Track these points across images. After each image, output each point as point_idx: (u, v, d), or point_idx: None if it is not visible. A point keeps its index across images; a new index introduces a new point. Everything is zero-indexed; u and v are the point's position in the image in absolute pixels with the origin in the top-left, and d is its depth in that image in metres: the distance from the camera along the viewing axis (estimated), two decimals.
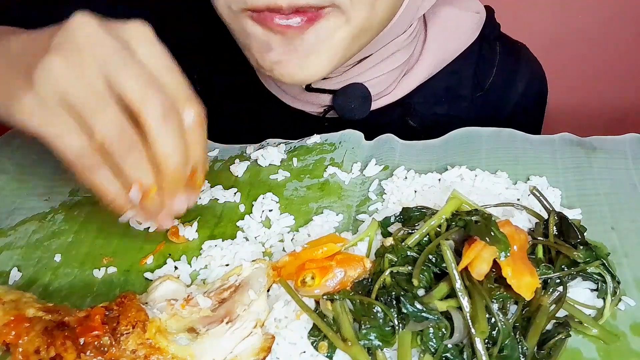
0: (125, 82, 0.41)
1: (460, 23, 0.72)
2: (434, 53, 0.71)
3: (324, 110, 0.70)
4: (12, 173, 0.64)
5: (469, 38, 0.73)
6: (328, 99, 0.68)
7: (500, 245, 0.41)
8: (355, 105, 0.67)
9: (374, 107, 0.70)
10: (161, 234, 0.55)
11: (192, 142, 0.44)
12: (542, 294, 0.43)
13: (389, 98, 0.71)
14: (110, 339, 0.40)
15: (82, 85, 0.40)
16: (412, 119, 0.73)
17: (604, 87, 1.41)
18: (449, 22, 0.71)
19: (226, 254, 0.51)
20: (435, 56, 0.71)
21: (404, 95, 0.71)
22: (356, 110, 0.68)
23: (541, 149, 0.61)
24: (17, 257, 0.54)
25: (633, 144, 0.61)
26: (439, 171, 0.58)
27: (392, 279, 0.43)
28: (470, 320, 0.40)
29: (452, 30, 0.72)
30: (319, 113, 0.71)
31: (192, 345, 0.41)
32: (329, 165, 0.61)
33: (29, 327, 0.41)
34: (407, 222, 0.48)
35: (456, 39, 0.72)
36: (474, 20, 0.73)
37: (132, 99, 0.41)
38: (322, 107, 0.70)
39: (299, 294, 0.45)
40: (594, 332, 0.43)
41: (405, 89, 0.71)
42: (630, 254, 0.49)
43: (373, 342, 0.41)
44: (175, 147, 0.42)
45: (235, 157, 0.65)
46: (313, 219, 0.55)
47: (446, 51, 0.72)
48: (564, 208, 0.53)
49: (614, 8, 1.31)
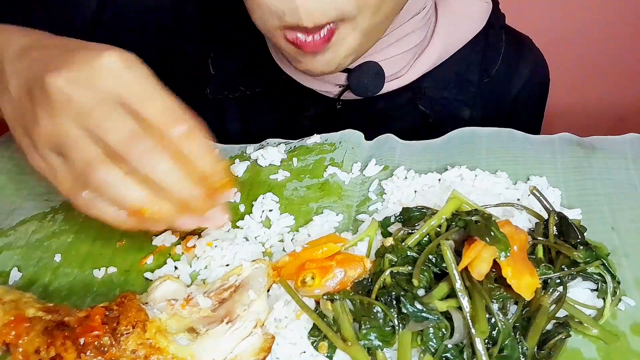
0: (102, 136, 0.42)
1: (469, 10, 0.75)
2: (444, 38, 0.73)
3: (340, 91, 0.72)
4: (12, 173, 0.64)
5: (477, 25, 0.75)
6: (343, 78, 0.70)
7: (500, 245, 0.41)
8: (368, 81, 0.69)
9: (386, 89, 0.72)
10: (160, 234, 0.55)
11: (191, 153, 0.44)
12: (542, 294, 0.43)
13: (400, 81, 0.73)
14: (110, 339, 0.40)
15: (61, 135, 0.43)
16: (421, 103, 0.75)
17: (604, 87, 1.41)
18: (458, 9, 0.73)
19: (226, 254, 0.51)
20: (445, 41, 0.73)
21: (415, 79, 0.73)
22: (370, 86, 0.70)
23: (541, 149, 0.61)
24: (17, 257, 0.54)
25: (633, 144, 0.61)
26: (439, 171, 0.58)
27: (392, 279, 0.43)
28: (470, 320, 0.40)
29: (460, 16, 0.74)
30: (335, 95, 0.72)
31: (192, 345, 0.41)
32: (329, 165, 0.61)
33: (29, 327, 0.41)
34: (407, 222, 0.48)
35: (465, 26, 0.74)
36: (482, 9, 0.75)
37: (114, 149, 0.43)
38: (337, 86, 0.71)
39: (299, 294, 0.45)
40: (594, 332, 0.43)
41: (416, 73, 0.73)
42: (630, 254, 0.49)
43: (373, 342, 0.41)
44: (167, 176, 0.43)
45: (235, 157, 0.65)
46: (313, 219, 0.55)
47: (455, 37, 0.74)
48: (564, 208, 0.53)
49: (614, 8, 1.31)
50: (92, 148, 0.43)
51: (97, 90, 0.43)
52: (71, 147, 0.43)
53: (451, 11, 0.73)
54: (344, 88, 0.71)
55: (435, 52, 0.72)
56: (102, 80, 0.43)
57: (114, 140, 0.42)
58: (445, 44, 0.73)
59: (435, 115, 0.75)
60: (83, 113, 0.42)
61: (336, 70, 0.61)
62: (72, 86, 0.42)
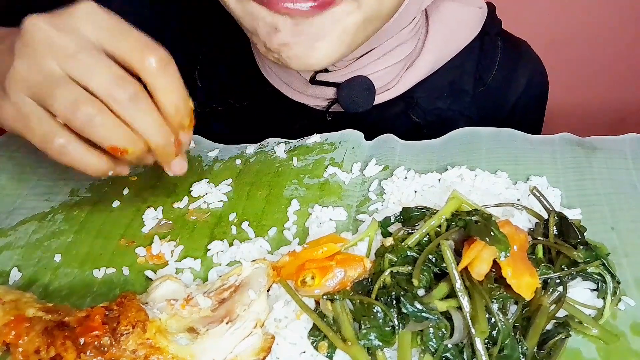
0: (86, 80, 0.43)
1: (462, 18, 0.73)
2: (436, 48, 0.71)
3: (328, 104, 0.70)
4: (12, 173, 0.64)
5: (471, 33, 0.73)
6: (332, 92, 0.69)
7: (500, 245, 0.41)
8: (359, 97, 0.68)
9: (377, 101, 0.70)
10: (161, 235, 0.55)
11: (161, 87, 0.46)
12: (542, 294, 0.43)
13: (391, 92, 0.71)
14: (110, 339, 0.40)
15: (43, 75, 0.44)
16: (414, 113, 0.73)
17: (604, 87, 1.41)
18: (450, 17, 0.72)
19: (226, 254, 0.51)
20: (437, 51, 0.71)
21: (407, 89, 0.72)
22: (360, 102, 0.68)
23: (541, 149, 0.61)
24: (17, 257, 0.54)
25: (633, 144, 0.61)
26: (439, 171, 0.58)
27: (392, 279, 0.43)
28: (470, 320, 0.40)
29: (453, 25, 0.72)
30: (323, 107, 0.71)
31: (192, 345, 0.41)
32: (329, 165, 0.61)
33: (29, 327, 0.41)
34: (407, 222, 0.48)
35: (458, 34, 0.73)
36: (475, 16, 0.74)
37: (96, 93, 0.44)
38: (326, 100, 0.70)
39: (299, 294, 0.45)
40: (594, 332, 0.43)
41: (408, 84, 0.72)
42: (630, 254, 0.49)
43: (373, 342, 0.41)
44: (149, 125, 0.45)
45: (236, 157, 0.65)
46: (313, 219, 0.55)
47: (448, 46, 0.72)
48: (564, 208, 0.53)
49: (614, 8, 1.31)
50: (77, 87, 0.43)
51: (78, 34, 0.44)
52: (55, 86, 0.43)
53: (443, 20, 0.71)
54: (332, 102, 0.70)
55: (427, 61, 0.71)
56: (82, 24, 0.44)
57: (99, 83, 0.43)
58: (437, 53, 0.71)
59: (429, 126, 0.73)
60: (67, 56, 0.43)
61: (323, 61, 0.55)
62: (53, 29, 0.43)
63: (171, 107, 0.47)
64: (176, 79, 0.46)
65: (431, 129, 0.71)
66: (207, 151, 0.66)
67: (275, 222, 0.55)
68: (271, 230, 0.54)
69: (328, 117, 0.72)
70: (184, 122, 0.48)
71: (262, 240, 0.53)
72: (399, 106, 0.73)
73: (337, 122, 0.71)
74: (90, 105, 0.43)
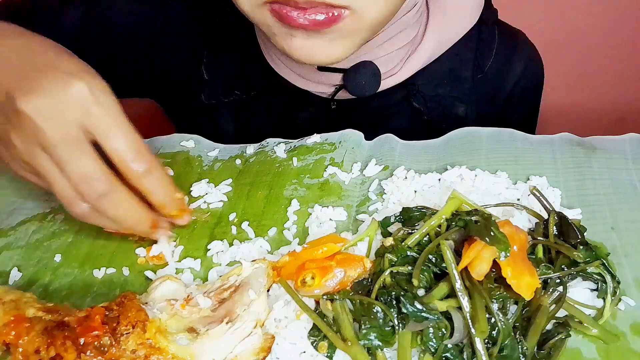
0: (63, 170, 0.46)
1: (461, 6, 0.74)
2: (436, 34, 0.72)
3: (334, 90, 0.71)
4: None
5: (470, 21, 0.75)
6: (338, 78, 0.70)
7: (500, 245, 0.41)
8: (365, 81, 0.69)
9: (381, 87, 0.71)
10: None
11: (145, 190, 0.48)
12: (542, 294, 0.43)
13: (395, 78, 0.73)
14: (110, 339, 0.40)
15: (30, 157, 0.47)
16: (416, 100, 0.75)
17: (604, 87, 1.41)
18: (449, 5, 0.73)
19: (226, 254, 0.51)
20: (438, 38, 0.73)
21: (409, 76, 0.73)
22: (367, 87, 0.69)
23: (541, 149, 0.61)
24: (17, 257, 0.54)
25: (633, 144, 0.61)
26: (439, 171, 0.58)
27: (392, 279, 0.43)
28: (470, 320, 0.40)
29: (452, 12, 0.73)
30: (329, 95, 0.72)
31: (192, 345, 0.41)
32: (329, 165, 0.61)
33: (29, 327, 0.41)
34: (407, 222, 0.48)
35: (457, 22, 0.74)
36: (473, 4, 0.75)
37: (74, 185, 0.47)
38: (332, 87, 0.71)
39: (299, 294, 0.45)
40: (594, 332, 0.43)
41: (410, 70, 0.73)
42: (630, 254, 0.49)
43: (373, 342, 0.41)
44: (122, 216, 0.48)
45: (236, 157, 0.65)
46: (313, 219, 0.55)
47: (448, 33, 0.74)
48: (564, 208, 0.53)
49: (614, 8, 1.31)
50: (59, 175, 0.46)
51: (64, 122, 0.45)
52: (40, 168, 0.46)
53: (443, 7, 0.73)
54: (339, 88, 0.71)
55: (428, 48, 0.72)
56: (70, 112, 0.45)
57: (72, 177, 0.46)
58: (437, 40, 0.73)
59: (430, 112, 0.75)
60: (50, 145, 0.45)
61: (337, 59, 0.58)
62: (41, 116, 0.45)
63: (156, 204, 0.50)
64: (162, 180, 0.49)
65: (432, 115, 0.74)
66: (207, 151, 0.66)
67: (275, 222, 0.55)
68: (271, 230, 0.54)
69: (332, 104, 0.73)
70: (172, 213, 0.51)
71: (262, 240, 0.53)
72: (401, 93, 0.74)
73: (341, 110, 0.73)
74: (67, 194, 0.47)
